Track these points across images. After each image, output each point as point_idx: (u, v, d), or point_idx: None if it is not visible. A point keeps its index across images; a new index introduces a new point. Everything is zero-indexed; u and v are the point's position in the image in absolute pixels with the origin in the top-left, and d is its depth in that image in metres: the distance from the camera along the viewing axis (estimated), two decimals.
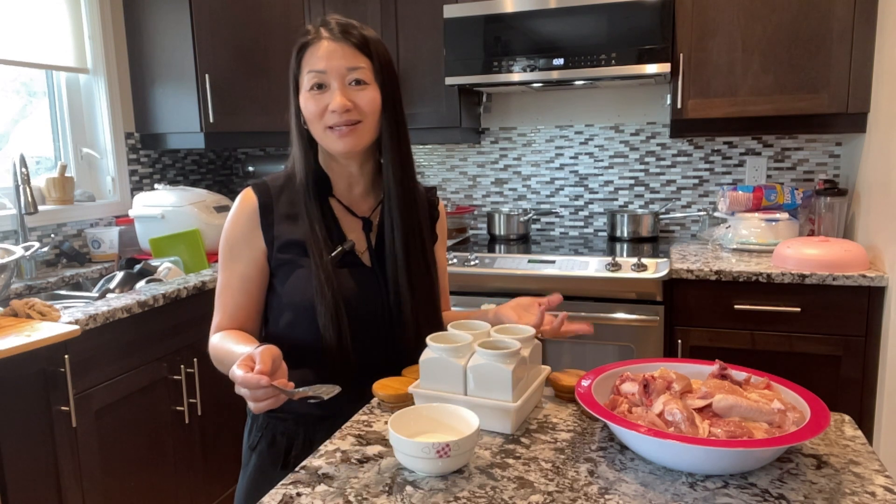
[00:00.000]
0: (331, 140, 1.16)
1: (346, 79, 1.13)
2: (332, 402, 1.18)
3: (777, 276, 2.06)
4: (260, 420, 1.25)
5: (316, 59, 1.13)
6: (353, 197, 1.26)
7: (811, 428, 0.84)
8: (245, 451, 1.28)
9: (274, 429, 1.23)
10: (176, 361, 2.11)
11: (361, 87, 1.15)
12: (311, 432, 1.20)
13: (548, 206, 3.01)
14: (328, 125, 1.14)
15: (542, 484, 0.85)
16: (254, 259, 1.20)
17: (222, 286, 1.22)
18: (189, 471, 2.19)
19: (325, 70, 1.13)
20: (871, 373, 2.05)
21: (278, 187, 1.22)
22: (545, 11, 2.37)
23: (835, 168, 2.61)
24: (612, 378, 1.03)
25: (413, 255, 1.22)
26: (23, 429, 1.65)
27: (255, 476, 1.23)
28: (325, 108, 1.13)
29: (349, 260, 1.20)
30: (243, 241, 1.20)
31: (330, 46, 1.13)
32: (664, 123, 2.79)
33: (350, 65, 1.13)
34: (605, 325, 2.23)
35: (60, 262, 2.53)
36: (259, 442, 1.24)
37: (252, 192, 1.21)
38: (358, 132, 1.15)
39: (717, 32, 2.31)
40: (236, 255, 1.20)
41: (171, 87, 2.82)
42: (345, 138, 1.14)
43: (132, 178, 2.91)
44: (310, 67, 1.14)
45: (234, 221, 1.21)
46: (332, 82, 1.13)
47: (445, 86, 2.58)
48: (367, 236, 1.24)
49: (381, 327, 1.21)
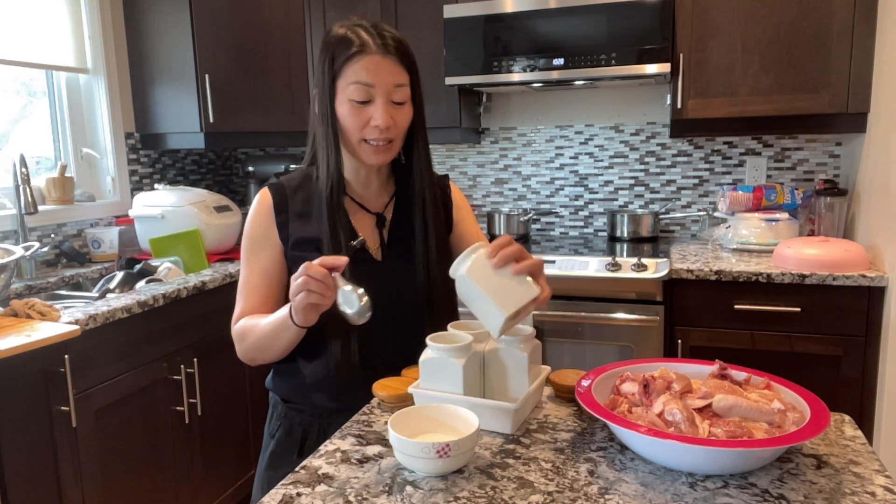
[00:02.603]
0: (365, 152, 1.19)
1: (391, 96, 1.16)
2: (345, 397, 1.23)
3: (777, 276, 2.06)
4: (280, 409, 1.30)
5: (365, 72, 1.14)
6: (367, 194, 1.29)
7: (811, 428, 0.84)
8: (266, 437, 1.33)
9: (292, 419, 1.28)
10: (176, 361, 2.11)
11: (402, 106, 1.18)
12: (325, 424, 1.25)
13: (548, 206, 3.01)
14: (365, 138, 1.17)
15: (542, 484, 0.85)
16: (272, 255, 1.24)
17: (244, 281, 1.26)
18: (189, 471, 2.19)
19: (373, 84, 1.14)
20: (871, 373, 2.05)
21: (294, 187, 1.26)
22: (545, 11, 2.37)
23: (835, 168, 2.61)
24: (612, 378, 1.03)
25: (436, 250, 1.25)
26: (23, 429, 1.65)
27: (273, 460, 1.29)
28: (367, 122, 1.16)
29: (360, 256, 1.22)
30: (262, 237, 1.24)
31: (379, 61, 1.14)
32: (664, 123, 2.79)
33: (396, 81, 1.16)
34: (605, 325, 2.23)
35: (60, 262, 2.53)
36: (278, 430, 1.29)
37: (268, 191, 1.26)
38: (392, 149, 1.21)
39: (717, 32, 2.31)
40: (256, 251, 1.25)
41: (171, 87, 2.82)
42: (380, 154, 1.19)
43: (132, 178, 2.91)
44: (357, 79, 1.14)
45: (253, 220, 1.26)
46: (377, 98, 1.15)
47: (445, 86, 2.58)
48: (379, 232, 1.27)
49: (391, 321, 1.23)
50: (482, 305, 0.96)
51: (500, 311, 0.94)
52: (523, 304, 0.96)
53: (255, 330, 1.19)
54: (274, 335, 1.16)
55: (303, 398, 1.26)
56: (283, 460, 1.27)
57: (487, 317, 0.97)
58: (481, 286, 0.96)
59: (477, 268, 0.97)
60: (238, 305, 1.26)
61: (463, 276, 0.98)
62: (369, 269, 1.23)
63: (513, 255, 0.98)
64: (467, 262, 0.98)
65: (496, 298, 0.95)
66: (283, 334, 1.14)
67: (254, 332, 1.19)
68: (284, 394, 1.29)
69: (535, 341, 1.08)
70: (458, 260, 0.99)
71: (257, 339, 1.19)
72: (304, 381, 1.25)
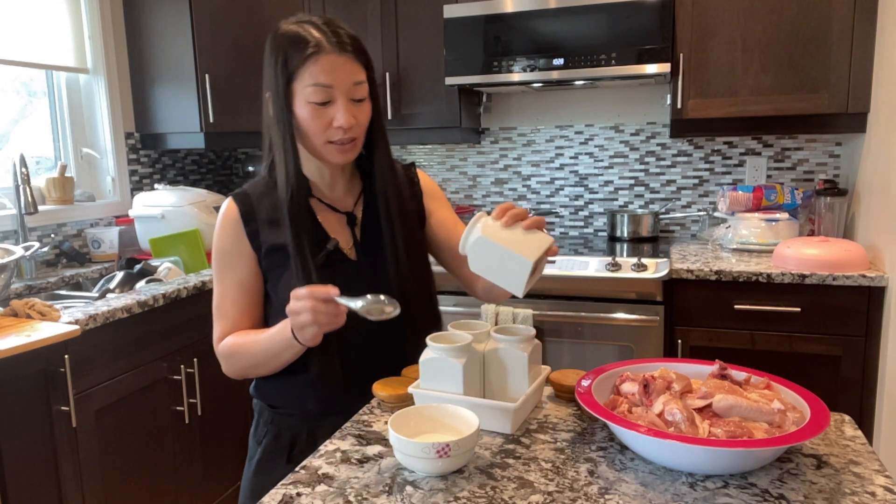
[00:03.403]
0: (330, 153, 1.16)
1: (351, 94, 1.13)
2: (333, 400, 1.20)
3: (777, 276, 2.06)
4: (266, 416, 1.27)
5: (323, 73, 1.10)
6: (334, 194, 1.26)
7: (811, 428, 0.84)
8: (251, 444, 1.31)
9: (279, 424, 1.25)
10: (176, 361, 2.11)
11: (362, 103, 1.15)
12: (313, 428, 1.22)
13: (548, 206, 3.00)
14: (330, 140, 1.14)
15: (542, 484, 0.85)
16: (247, 266, 1.21)
17: (221, 297, 1.22)
18: (189, 471, 2.19)
19: (332, 85, 1.11)
20: (871, 373, 2.05)
21: (259, 194, 1.22)
22: (545, 11, 2.37)
23: (835, 168, 2.61)
24: (612, 378, 1.03)
25: (395, 248, 1.22)
26: (23, 429, 1.65)
27: (261, 467, 1.26)
28: (329, 123, 1.13)
29: (335, 258, 1.20)
30: (233, 249, 1.20)
31: (336, 60, 1.11)
32: (664, 123, 2.79)
33: (355, 79, 1.13)
34: (605, 325, 2.23)
35: (60, 262, 2.53)
36: (265, 436, 1.27)
37: (233, 201, 1.22)
38: (356, 147, 1.18)
39: (717, 32, 2.31)
40: (228, 264, 1.21)
41: (171, 87, 2.82)
42: (345, 153, 1.17)
43: (132, 178, 2.91)
44: (315, 80, 1.11)
45: (221, 233, 1.22)
46: (338, 98, 1.12)
47: (445, 86, 2.58)
48: (351, 230, 1.24)
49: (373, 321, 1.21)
50: (503, 262, 0.97)
51: (525, 259, 0.95)
52: (543, 249, 0.97)
53: (249, 348, 1.16)
54: (273, 354, 1.14)
55: (290, 402, 1.24)
56: (271, 467, 1.25)
57: (509, 273, 0.97)
58: (501, 242, 0.97)
59: (490, 229, 0.99)
60: (219, 323, 1.21)
61: (479, 239, 0.98)
62: (345, 269, 1.20)
63: (520, 214, 0.99)
64: (477, 227, 0.99)
65: (518, 250, 0.96)
66: (284, 353, 1.13)
67: (248, 350, 1.16)
68: (271, 399, 1.26)
69: (535, 341, 1.08)
70: (465, 232, 1.00)
71: (254, 357, 1.16)
72: (290, 385, 1.22)
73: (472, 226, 1.00)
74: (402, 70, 2.66)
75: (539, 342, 1.10)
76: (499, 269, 0.98)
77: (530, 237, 0.98)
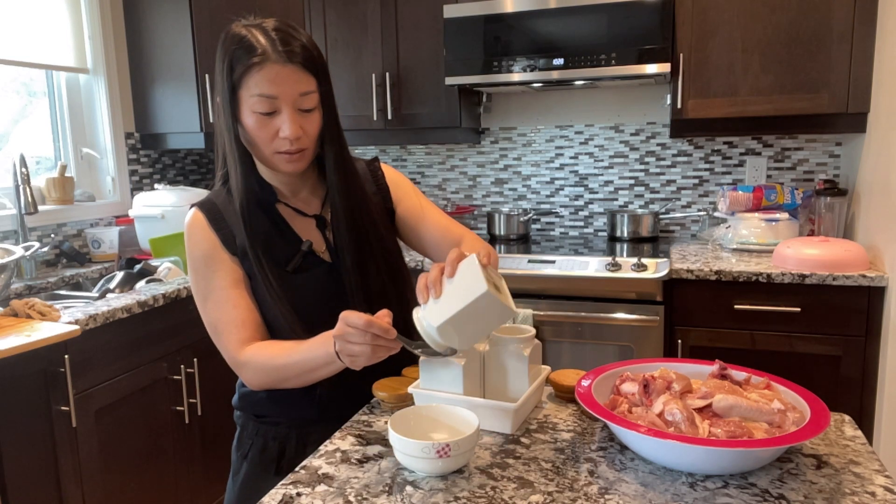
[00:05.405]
0: (279, 163, 1.13)
1: (297, 104, 1.09)
2: (324, 405, 1.19)
3: (777, 276, 2.06)
4: (250, 427, 1.23)
5: (267, 83, 1.06)
6: (299, 199, 1.23)
7: (811, 428, 0.84)
8: (235, 460, 1.25)
9: (265, 434, 1.22)
10: (176, 361, 2.11)
11: (310, 113, 1.11)
12: (303, 435, 1.20)
13: (548, 206, 3.00)
14: (278, 150, 1.11)
15: (542, 484, 0.85)
16: (230, 266, 1.16)
17: (216, 308, 1.14)
18: (189, 471, 2.19)
19: (276, 96, 1.07)
20: (871, 373, 2.05)
21: (224, 201, 1.19)
22: (545, 11, 2.37)
23: (835, 168, 2.61)
24: (612, 378, 1.03)
25: (368, 249, 1.20)
26: (23, 429, 1.65)
27: (247, 483, 1.22)
28: (276, 133, 1.09)
29: (310, 261, 1.18)
30: (212, 254, 1.16)
31: (281, 71, 1.06)
32: (664, 123, 2.79)
33: (301, 90, 1.08)
34: (605, 325, 2.23)
35: (60, 262, 2.53)
36: (250, 449, 1.23)
37: (198, 210, 1.18)
38: (306, 156, 1.14)
39: (717, 32, 2.31)
40: (213, 269, 1.15)
41: (171, 87, 2.82)
42: (294, 164, 1.13)
43: (132, 178, 2.91)
44: (259, 91, 1.06)
45: (193, 242, 1.17)
46: (283, 108, 1.08)
47: (445, 86, 2.58)
48: (322, 233, 1.22)
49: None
50: (473, 318, 0.94)
51: (480, 294, 0.91)
52: (479, 271, 0.93)
53: (283, 360, 1.09)
54: (310, 369, 1.07)
55: (278, 410, 1.20)
56: (258, 481, 1.20)
57: (487, 315, 0.94)
58: (452, 311, 0.93)
59: (433, 313, 0.95)
60: (226, 333, 1.13)
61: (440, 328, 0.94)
62: (321, 272, 1.18)
63: (437, 277, 0.97)
64: (424, 324, 0.96)
65: (467, 297, 0.92)
66: (322, 369, 1.06)
67: (282, 362, 1.09)
68: (258, 408, 1.22)
69: (535, 341, 1.08)
70: (425, 337, 0.96)
71: (287, 370, 1.09)
72: (284, 392, 1.15)
73: (421, 329, 0.96)
74: (401, 70, 2.66)
75: (539, 342, 1.10)
76: (480, 324, 0.95)
77: (462, 280, 0.94)
